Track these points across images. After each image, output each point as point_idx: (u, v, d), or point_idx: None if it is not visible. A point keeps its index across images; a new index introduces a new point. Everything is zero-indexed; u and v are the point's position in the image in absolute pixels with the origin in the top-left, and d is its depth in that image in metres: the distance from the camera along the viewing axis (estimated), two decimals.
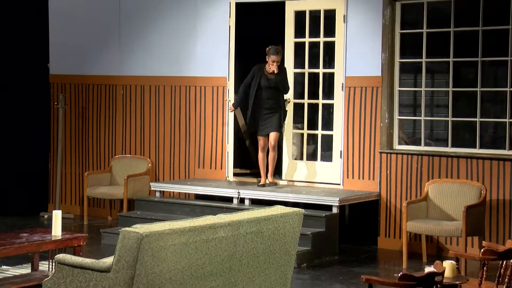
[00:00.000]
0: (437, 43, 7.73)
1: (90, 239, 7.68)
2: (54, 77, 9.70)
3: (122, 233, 4.12)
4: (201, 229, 4.30)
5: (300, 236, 5.10)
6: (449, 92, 7.62)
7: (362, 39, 7.83)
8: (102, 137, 9.39)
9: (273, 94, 7.76)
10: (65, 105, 9.43)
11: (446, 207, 7.25)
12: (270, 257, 4.74)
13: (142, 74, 9.13)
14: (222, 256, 4.42)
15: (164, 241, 4.13)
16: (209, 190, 8.06)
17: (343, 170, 7.98)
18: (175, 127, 8.96)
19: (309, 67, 8.22)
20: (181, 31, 8.85)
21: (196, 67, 8.75)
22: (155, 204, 8.20)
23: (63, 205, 9.48)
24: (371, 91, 7.85)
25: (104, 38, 9.32)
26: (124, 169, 9.05)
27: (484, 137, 7.57)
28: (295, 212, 4.90)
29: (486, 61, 7.46)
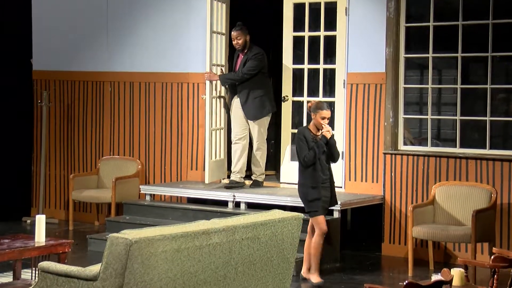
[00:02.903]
0: (445, 37, 7.74)
1: (75, 246, 7.67)
2: (37, 73, 9.69)
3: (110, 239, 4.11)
4: (194, 235, 4.30)
5: (299, 242, 5.10)
6: (457, 89, 7.63)
7: (365, 33, 7.84)
8: (89, 137, 9.39)
9: (327, 163, 6.47)
10: (49, 103, 9.42)
11: (454, 211, 7.26)
12: (267, 265, 4.74)
13: (131, 70, 9.13)
14: (216, 264, 4.42)
15: (154, 247, 4.13)
16: (202, 193, 8.06)
17: (345, 172, 7.98)
18: (166, 126, 8.95)
19: (309, 62, 8.23)
20: (173, 25, 8.85)
21: (189, 62, 8.75)
22: (145, 208, 8.19)
23: (46, 209, 9.48)
24: (375, 88, 7.85)
25: (91, 32, 9.32)
26: (112, 171, 9.04)
27: (495, 137, 7.58)
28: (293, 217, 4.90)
29: (497, 56, 7.47)
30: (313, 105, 6.41)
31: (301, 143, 6.34)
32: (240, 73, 7.91)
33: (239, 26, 8.00)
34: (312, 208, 6.40)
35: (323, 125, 6.34)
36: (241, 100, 8.01)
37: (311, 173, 6.36)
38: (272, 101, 8.04)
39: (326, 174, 6.42)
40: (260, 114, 7.97)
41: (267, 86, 8.02)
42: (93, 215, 9.30)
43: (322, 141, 6.35)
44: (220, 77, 8.05)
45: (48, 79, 9.61)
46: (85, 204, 9.35)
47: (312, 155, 6.30)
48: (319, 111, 6.34)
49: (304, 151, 6.32)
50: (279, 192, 7.91)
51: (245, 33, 7.95)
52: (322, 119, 6.35)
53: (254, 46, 7.99)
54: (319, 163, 6.34)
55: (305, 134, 6.38)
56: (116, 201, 8.60)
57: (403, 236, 7.66)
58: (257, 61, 7.87)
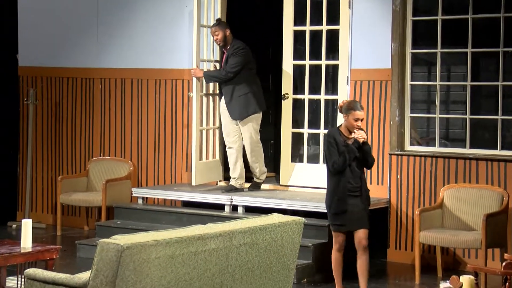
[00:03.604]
0: (454, 32, 7.74)
1: (64, 252, 7.67)
2: (23, 70, 9.68)
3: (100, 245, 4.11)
4: (189, 241, 4.30)
5: (300, 248, 5.11)
6: (467, 87, 7.64)
7: (369, 27, 7.84)
8: (78, 137, 9.39)
9: (359, 169, 6.11)
10: (36, 100, 9.42)
11: (464, 215, 7.27)
12: (266, 272, 4.74)
13: (123, 67, 9.12)
14: (212, 271, 4.43)
15: (147, 253, 4.13)
16: (198, 196, 8.06)
17: None
18: (160, 125, 8.96)
19: (310, 58, 8.23)
20: (167, 19, 8.85)
21: (183, 58, 8.75)
22: (137, 212, 8.19)
23: (33, 213, 9.47)
24: (380, 85, 7.86)
25: (80, 26, 9.31)
26: (103, 173, 9.04)
27: (507, 137, 7.58)
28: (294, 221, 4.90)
29: (509, 51, 7.48)
30: (345, 105, 6.01)
31: (331, 147, 5.96)
32: (223, 72, 7.90)
33: (217, 21, 8.01)
34: (335, 221, 6.05)
35: (356, 127, 5.97)
36: (225, 99, 8.00)
37: (338, 181, 5.98)
38: (260, 99, 7.96)
39: (358, 182, 6.00)
40: (245, 113, 7.89)
41: (253, 83, 7.94)
42: (82, 220, 9.29)
43: (354, 145, 5.95)
44: (204, 74, 8.03)
45: (35, 76, 9.61)
46: (74, 208, 9.34)
47: (342, 161, 5.92)
48: (352, 112, 5.94)
49: (333, 156, 5.94)
50: (279, 195, 7.92)
51: (223, 28, 7.91)
52: (355, 120, 5.95)
53: (235, 40, 7.93)
54: (350, 170, 5.97)
55: (336, 136, 5.98)
56: (106, 205, 8.60)
57: (410, 242, 7.66)
58: (239, 56, 7.83)
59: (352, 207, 6.00)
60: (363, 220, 6.05)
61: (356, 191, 6.02)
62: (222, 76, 7.91)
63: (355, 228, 6.04)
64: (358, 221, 6.03)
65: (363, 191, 6.05)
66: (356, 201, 6.02)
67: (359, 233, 6.05)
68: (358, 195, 6.02)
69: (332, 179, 6.03)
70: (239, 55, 7.84)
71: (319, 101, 8.26)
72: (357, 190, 6.02)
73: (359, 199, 6.02)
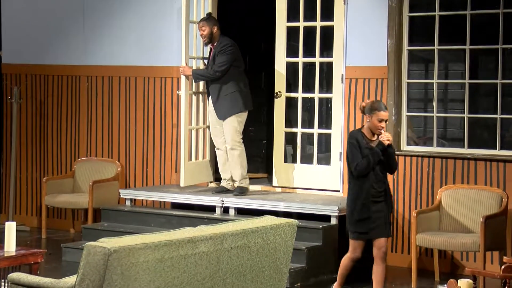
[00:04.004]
0: (452, 28, 7.76)
1: (49, 255, 7.65)
2: (7, 67, 9.66)
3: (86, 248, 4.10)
4: (178, 244, 4.30)
5: (294, 251, 5.10)
6: (465, 85, 7.65)
7: (365, 23, 7.85)
8: (64, 137, 9.37)
9: (382, 173, 5.98)
10: (20, 99, 9.39)
11: (462, 217, 7.28)
12: (259, 276, 4.74)
13: (110, 64, 9.11)
14: (203, 275, 4.42)
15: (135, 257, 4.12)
16: (188, 198, 8.06)
17: (343, 175, 7.99)
18: (148, 125, 8.94)
19: (304, 55, 8.23)
20: (156, 14, 8.84)
21: (173, 55, 8.74)
22: (125, 214, 8.18)
23: (17, 215, 9.45)
24: (375, 83, 7.87)
25: (65, 22, 9.29)
26: (89, 174, 9.03)
27: (506, 136, 7.60)
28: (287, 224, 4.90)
29: (508, 48, 7.49)
30: (368, 105, 5.88)
31: (354, 150, 5.81)
32: (211, 71, 7.88)
33: (206, 16, 8.00)
34: (357, 228, 5.90)
35: (380, 129, 5.83)
36: (212, 99, 7.99)
37: (361, 185, 5.84)
38: (247, 98, 7.91)
39: (381, 186, 5.87)
40: (230, 112, 7.84)
41: (240, 81, 7.89)
42: (68, 222, 9.28)
43: (378, 148, 5.83)
44: (192, 73, 8.01)
45: (19, 73, 9.58)
46: (59, 210, 9.32)
47: (365, 164, 5.78)
48: (376, 112, 5.79)
49: (356, 159, 5.80)
50: (272, 197, 7.92)
51: (210, 23, 7.88)
52: (379, 121, 5.80)
53: (223, 38, 7.90)
54: (373, 174, 5.83)
55: (358, 138, 5.84)
56: (93, 207, 8.59)
57: (406, 245, 7.67)
58: (226, 55, 7.79)
59: (376, 213, 5.86)
60: (386, 227, 5.92)
61: (380, 196, 5.88)
62: (210, 75, 7.89)
63: (377, 236, 5.90)
64: (380, 228, 5.88)
65: (387, 197, 5.91)
66: (380, 207, 5.88)
67: (380, 241, 5.92)
68: (381, 201, 5.88)
69: (355, 184, 5.87)
70: (227, 53, 7.81)
71: (313, 100, 8.26)
72: (381, 195, 5.88)
73: (382, 204, 5.88)
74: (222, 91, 7.87)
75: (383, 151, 5.83)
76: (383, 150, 5.83)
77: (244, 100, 7.90)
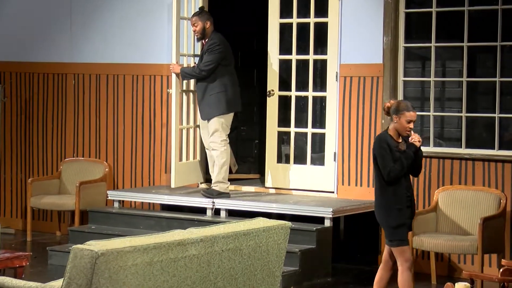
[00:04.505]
0: (449, 25, 7.78)
1: (34, 259, 7.64)
2: None
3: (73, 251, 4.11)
4: (168, 246, 4.30)
5: (286, 254, 5.11)
6: (463, 83, 7.68)
7: (360, 19, 7.87)
8: (50, 137, 9.36)
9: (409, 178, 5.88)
10: (4, 98, 9.38)
11: (459, 219, 7.30)
12: (251, 279, 4.75)
13: (98, 61, 9.10)
14: (193, 278, 4.43)
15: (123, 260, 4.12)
16: (177, 199, 8.06)
17: (337, 176, 8.01)
18: (137, 124, 8.94)
19: (297, 53, 8.24)
20: (145, 10, 8.83)
21: (163, 52, 8.74)
22: (113, 216, 8.18)
23: (1, 218, 9.43)
24: (371, 81, 7.89)
25: (52, 18, 9.28)
26: (76, 175, 9.02)
27: (505, 136, 7.63)
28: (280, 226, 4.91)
29: (507, 45, 7.52)
30: (394, 105, 5.71)
31: (385, 154, 5.62)
32: (197, 69, 7.86)
33: (199, 11, 7.98)
34: (398, 236, 5.67)
35: (408, 130, 5.68)
36: (198, 97, 7.99)
37: (395, 191, 5.65)
38: (234, 99, 7.83)
39: (410, 191, 5.75)
40: (213, 113, 7.80)
41: (228, 81, 7.82)
42: (54, 224, 9.27)
43: (411, 150, 5.68)
44: (180, 71, 8.01)
45: (3, 71, 9.57)
46: (45, 212, 9.31)
47: (399, 169, 5.61)
48: (404, 113, 5.64)
49: (389, 164, 5.61)
50: (264, 198, 7.93)
51: (203, 19, 7.86)
52: (407, 122, 5.66)
53: (214, 34, 7.86)
54: (404, 178, 5.69)
55: (389, 142, 5.65)
56: (80, 209, 8.58)
57: None
58: (214, 54, 7.76)
59: (408, 220, 5.75)
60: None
61: (409, 201, 5.76)
62: (196, 73, 7.88)
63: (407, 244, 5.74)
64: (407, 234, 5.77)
65: (412, 202, 5.80)
66: (409, 213, 5.76)
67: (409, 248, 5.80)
68: (410, 205, 5.76)
69: (387, 189, 5.67)
70: (214, 52, 7.78)
71: (306, 98, 8.28)
72: (410, 200, 5.77)
73: (410, 209, 5.78)
74: (208, 90, 7.84)
75: (414, 154, 5.72)
76: (415, 153, 5.72)
77: (229, 101, 7.82)
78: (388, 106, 5.75)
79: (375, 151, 5.70)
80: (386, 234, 5.76)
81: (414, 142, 5.71)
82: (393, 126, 5.73)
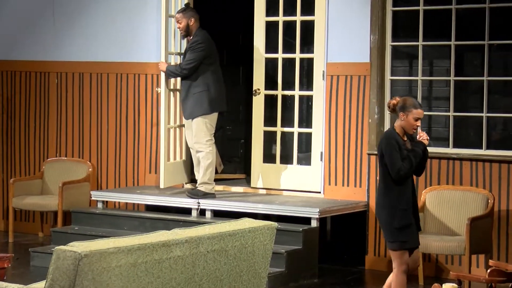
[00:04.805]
0: (436, 23, 7.81)
1: (16, 260, 7.62)
2: None
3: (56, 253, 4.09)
4: (152, 247, 4.30)
5: (273, 255, 5.12)
6: (451, 82, 7.71)
7: (347, 18, 7.88)
8: (32, 136, 9.33)
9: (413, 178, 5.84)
10: None
11: (447, 219, 7.33)
12: (236, 280, 4.75)
13: (81, 60, 9.08)
14: (178, 280, 4.43)
15: (107, 262, 4.12)
16: (162, 199, 8.05)
17: (324, 176, 8.02)
18: (121, 123, 8.93)
19: (284, 51, 8.25)
20: (129, 8, 8.82)
21: (147, 51, 8.73)
22: (96, 217, 8.16)
23: None
24: (358, 80, 7.90)
25: (34, 15, 9.25)
26: (59, 175, 8.99)
27: (492, 135, 7.66)
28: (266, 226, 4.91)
29: (494, 44, 7.55)
30: (401, 102, 5.62)
31: (395, 152, 5.51)
32: (179, 68, 7.86)
33: (184, 8, 7.97)
34: (400, 237, 5.57)
35: (416, 128, 5.61)
36: (181, 96, 7.98)
37: (401, 192, 5.58)
38: (217, 98, 7.79)
39: (415, 192, 5.71)
40: (195, 113, 7.79)
41: (210, 80, 7.78)
42: (36, 225, 9.24)
43: (419, 148, 5.61)
44: (166, 68, 7.99)
45: None
46: (27, 213, 9.28)
47: (408, 167, 5.53)
48: (413, 110, 5.56)
49: (398, 162, 5.50)
50: (250, 198, 7.93)
51: (187, 16, 7.84)
52: (415, 120, 5.58)
53: (199, 31, 7.84)
54: (410, 178, 5.63)
55: (397, 139, 5.56)
56: (63, 209, 8.56)
57: None
58: (195, 52, 7.74)
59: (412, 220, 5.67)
60: (418, 236, 5.72)
61: (415, 202, 5.72)
62: (178, 72, 7.87)
63: (415, 245, 5.67)
64: (415, 237, 5.65)
65: (416, 203, 5.75)
66: (415, 214, 5.69)
67: (416, 252, 5.73)
68: (414, 206, 5.70)
69: (393, 190, 5.57)
70: (196, 50, 7.77)
71: (293, 97, 8.28)
72: (415, 201, 5.72)
73: (415, 211, 5.71)
74: (191, 89, 7.83)
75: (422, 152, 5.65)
76: (423, 151, 5.65)
77: (212, 101, 7.78)
78: (394, 103, 5.65)
79: (383, 149, 5.57)
80: (388, 235, 5.64)
81: (423, 140, 5.64)
82: (399, 124, 5.64)
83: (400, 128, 5.63)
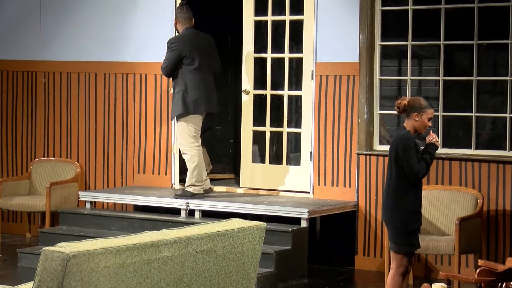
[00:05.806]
0: (426, 23, 7.83)
1: (4, 261, 7.60)
2: None
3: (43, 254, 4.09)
4: (141, 248, 4.30)
5: (262, 256, 5.12)
6: (440, 82, 7.73)
7: (336, 17, 7.89)
8: (19, 136, 9.30)
9: None
10: None
11: (436, 219, 7.35)
12: (225, 281, 4.75)
13: (69, 59, 9.06)
14: (166, 280, 4.42)
15: (95, 262, 4.11)
16: (151, 200, 8.05)
17: (313, 176, 8.03)
18: (109, 123, 8.91)
19: (273, 51, 8.26)
20: (118, 7, 8.81)
21: (136, 50, 8.72)
22: (84, 217, 8.15)
23: None
24: (347, 80, 7.92)
25: (22, 14, 9.23)
26: (47, 175, 8.98)
27: (481, 135, 7.69)
28: (255, 227, 4.92)
29: (483, 44, 7.58)
30: (414, 102, 5.54)
31: (413, 153, 5.46)
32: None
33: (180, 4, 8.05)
34: (409, 240, 5.57)
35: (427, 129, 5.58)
36: None
37: (416, 195, 5.56)
38: (198, 99, 7.71)
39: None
40: (174, 113, 7.79)
41: (189, 81, 7.72)
42: (24, 226, 9.21)
43: (433, 150, 5.60)
44: None
45: None
46: (14, 213, 9.26)
47: (425, 169, 5.51)
48: (426, 110, 5.50)
49: (415, 164, 5.46)
50: (239, 199, 7.93)
51: (174, 16, 7.92)
52: (428, 120, 5.53)
53: (184, 31, 7.86)
54: None
55: (415, 142, 5.50)
56: (51, 210, 8.54)
57: (379, 248, 7.73)
58: (169, 52, 7.76)
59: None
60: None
61: None
62: (162, 72, 7.95)
63: (419, 247, 5.72)
64: (418, 240, 5.70)
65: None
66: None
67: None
68: None
69: (409, 192, 5.54)
70: (169, 50, 7.79)
71: (282, 97, 8.29)
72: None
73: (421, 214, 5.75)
74: (174, 89, 7.90)
75: None
76: None
77: (190, 102, 7.71)
78: (404, 103, 5.55)
79: (399, 151, 5.50)
80: (396, 237, 5.59)
81: (436, 141, 5.65)
82: (411, 124, 5.56)
83: (413, 128, 5.57)
